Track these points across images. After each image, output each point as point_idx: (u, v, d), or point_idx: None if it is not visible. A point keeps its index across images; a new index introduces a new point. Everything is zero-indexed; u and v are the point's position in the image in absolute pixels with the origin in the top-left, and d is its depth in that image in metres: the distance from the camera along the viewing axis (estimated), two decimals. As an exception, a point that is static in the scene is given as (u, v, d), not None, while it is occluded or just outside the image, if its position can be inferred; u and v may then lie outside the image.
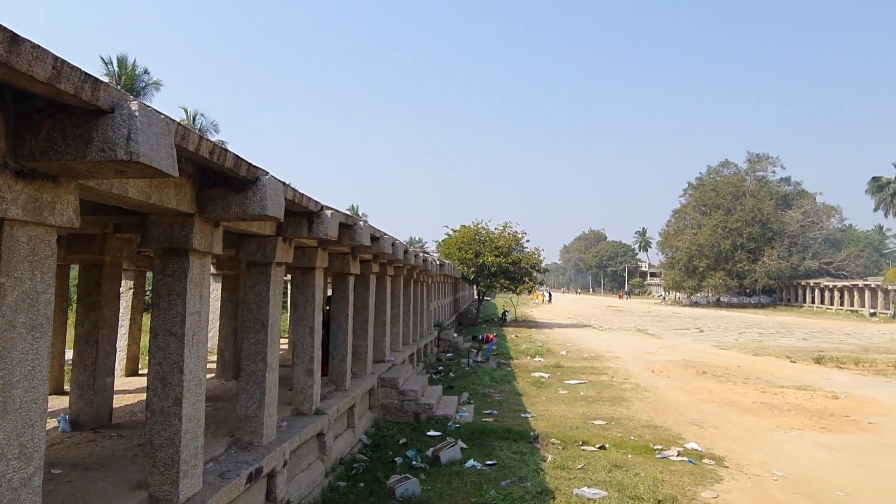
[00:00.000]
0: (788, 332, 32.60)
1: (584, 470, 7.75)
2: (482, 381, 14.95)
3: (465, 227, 35.30)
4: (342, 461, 7.89)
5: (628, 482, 7.17)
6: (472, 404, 12.20)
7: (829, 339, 29.22)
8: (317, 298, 7.32)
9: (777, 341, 27.49)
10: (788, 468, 8.28)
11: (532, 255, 35.48)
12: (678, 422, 11.02)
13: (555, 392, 13.91)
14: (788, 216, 65.45)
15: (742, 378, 16.29)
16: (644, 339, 28.44)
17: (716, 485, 7.44)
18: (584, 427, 10.40)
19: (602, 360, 19.78)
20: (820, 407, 12.56)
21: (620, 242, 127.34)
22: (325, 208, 6.05)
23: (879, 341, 28.21)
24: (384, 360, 11.75)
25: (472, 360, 18.72)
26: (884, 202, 66.91)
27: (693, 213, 71.68)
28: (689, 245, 67.38)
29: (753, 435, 10.17)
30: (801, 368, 18.48)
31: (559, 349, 22.71)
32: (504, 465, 7.87)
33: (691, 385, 15.16)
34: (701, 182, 73.91)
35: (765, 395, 13.75)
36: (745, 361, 19.94)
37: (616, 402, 12.85)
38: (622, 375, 16.59)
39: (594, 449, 8.87)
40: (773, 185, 69.46)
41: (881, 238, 77.73)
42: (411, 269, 14.84)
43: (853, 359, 20.51)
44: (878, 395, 14.04)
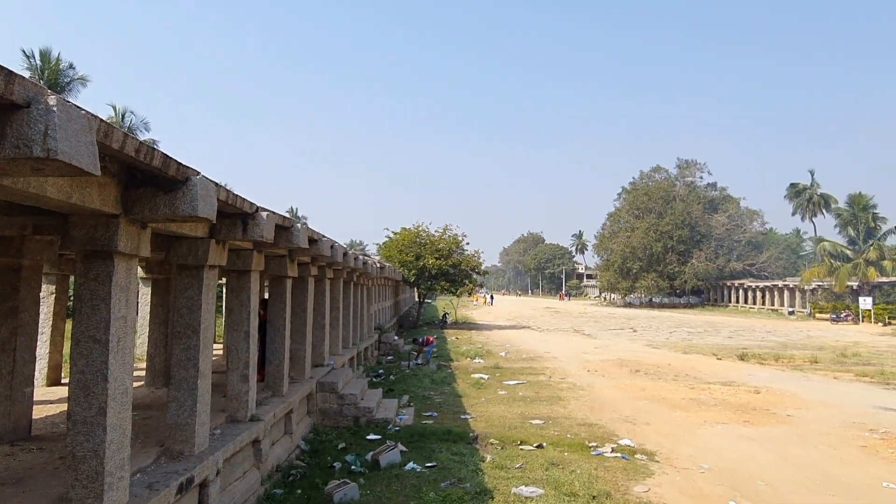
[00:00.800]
0: (715, 331, 34.10)
1: (522, 469, 7.87)
2: (422, 384, 14.95)
3: (406, 229, 35.28)
4: (279, 468, 7.73)
5: (564, 479, 7.33)
6: (412, 407, 12.19)
7: (751, 336, 30.74)
8: (252, 302, 7.15)
9: (705, 340, 28.72)
10: (714, 461, 8.66)
11: (472, 258, 35.78)
12: (612, 419, 11.34)
13: (494, 393, 14.07)
14: (715, 220, 68.54)
15: (672, 375, 16.92)
16: (580, 339, 29.14)
17: (647, 479, 7.70)
18: (522, 426, 10.56)
19: (540, 361, 20.14)
20: (743, 401, 13.20)
21: (558, 245, 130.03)
22: (260, 210, 5.92)
23: (797, 338, 29.90)
24: (323, 364, 11.59)
25: (412, 362, 18.71)
26: (800, 207, 71.08)
27: (627, 217, 74.05)
28: (623, 247, 69.59)
29: (682, 430, 10.58)
30: (727, 365, 19.37)
31: (499, 350, 22.98)
32: (444, 466, 7.90)
33: (625, 383, 15.64)
34: (634, 186, 76.47)
35: (693, 392, 14.33)
36: (675, 359, 20.72)
37: (553, 401, 13.11)
38: (559, 375, 16.94)
39: (532, 448, 9.02)
40: (700, 190, 72.59)
41: (798, 241, 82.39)
42: (351, 272, 14.71)
43: (773, 355, 21.66)
44: (795, 389, 14.86)
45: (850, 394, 14.33)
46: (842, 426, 10.96)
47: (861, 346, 25.89)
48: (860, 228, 46.88)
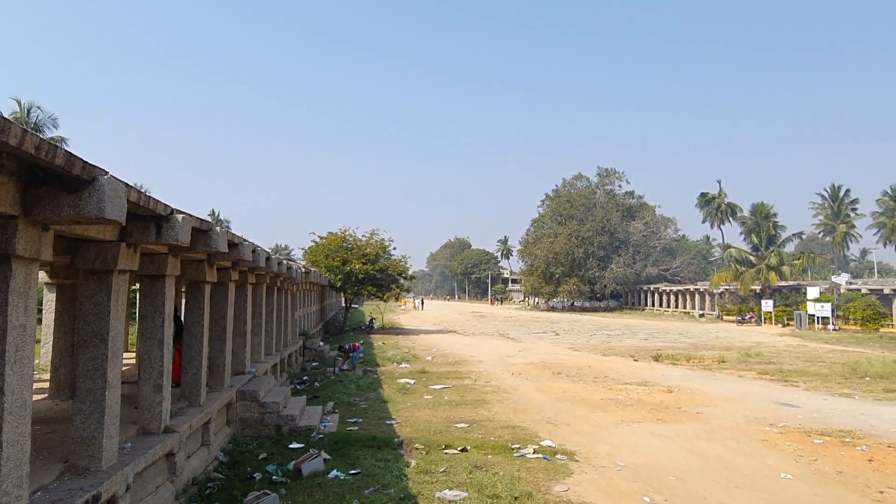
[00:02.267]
0: (632, 334, 35.52)
1: (446, 473, 7.92)
2: (348, 390, 14.79)
3: (332, 234, 34.82)
4: (195, 481, 7.43)
5: (487, 482, 7.43)
6: (336, 413, 12.03)
7: (666, 338, 32.23)
8: (167, 308, 6.86)
9: (623, 342, 29.86)
10: (630, 458, 9.02)
11: (399, 263, 35.74)
12: (535, 421, 11.60)
13: (420, 397, 14.08)
14: (633, 227, 71.51)
15: (592, 377, 17.49)
16: (505, 342, 29.63)
17: (567, 478, 7.92)
18: (447, 430, 10.63)
19: (466, 365, 20.34)
20: (657, 400, 13.81)
21: (484, 250, 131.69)
22: (175, 212, 5.70)
23: (706, 339, 31.59)
24: (244, 371, 11.25)
25: (338, 368, 18.46)
26: (710, 215, 75.36)
27: (550, 223, 76.06)
28: (546, 253, 71.44)
29: (601, 429, 10.95)
30: (643, 366, 20.21)
31: (425, 355, 23.03)
32: (368, 473, 7.84)
33: (547, 385, 16.03)
34: (557, 194, 78.68)
35: (611, 392, 14.87)
36: (595, 361, 21.44)
37: (478, 404, 13.27)
38: (484, 378, 17.16)
39: (456, 451, 9.10)
40: (619, 198, 75.55)
41: (708, 247, 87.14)
42: (274, 277, 14.36)
43: (685, 356, 22.79)
44: (704, 387, 15.70)
45: (752, 391, 15.26)
46: (745, 422, 11.66)
47: (763, 346, 27.66)
48: (762, 236, 50.08)
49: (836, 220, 69.43)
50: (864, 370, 18.51)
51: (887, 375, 17.50)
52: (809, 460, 9.03)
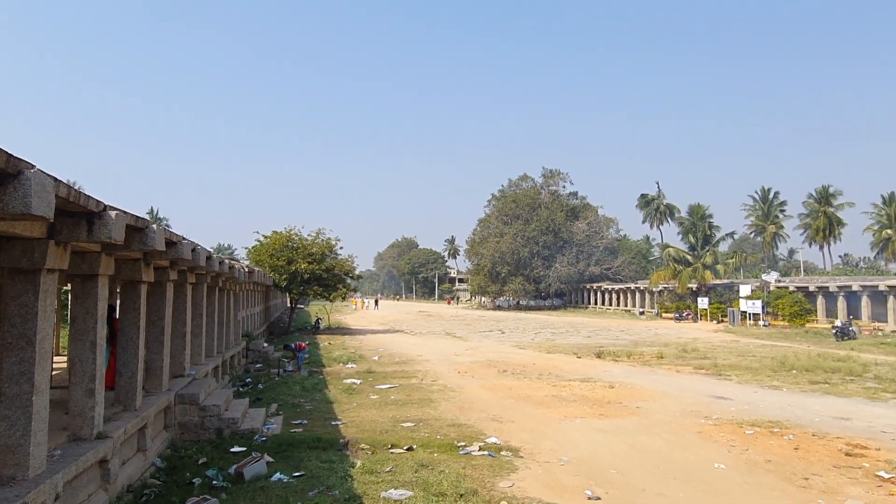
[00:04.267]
0: (576, 331, 36.30)
1: (391, 472, 7.90)
2: (293, 391, 14.56)
3: (277, 233, 34.20)
4: (131, 488, 7.17)
5: (433, 480, 7.46)
6: (280, 415, 11.83)
7: (608, 335, 33.08)
8: (100, 309, 6.59)
9: (567, 339, 30.48)
10: (573, 453, 9.22)
11: (346, 262, 35.44)
12: (480, 418, 11.71)
13: (366, 398, 14.01)
14: (576, 226, 73.06)
15: (537, 374, 17.79)
16: (452, 341, 29.78)
17: (511, 474, 8.04)
18: (393, 430, 10.61)
19: (412, 364, 20.34)
20: (599, 396, 14.16)
21: (431, 250, 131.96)
22: (108, 209, 5.48)
23: (646, 336, 32.61)
24: (183, 374, 10.93)
25: (283, 369, 18.15)
26: (649, 216, 77.98)
27: (496, 223, 76.92)
28: (492, 252, 72.25)
29: (545, 425, 11.15)
30: (586, 363, 20.69)
31: (371, 355, 22.91)
32: (312, 475, 7.74)
33: (493, 383, 16.21)
34: (503, 194, 79.62)
35: (555, 389, 15.15)
36: (539, 359, 21.80)
37: (425, 403, 13.29)
38: (431, 377, 17.20)
39: (402, 451, 9.09)
40: (563, 199, 77.04)
41: (648, 247, 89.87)
42: (216, 277, 14.00)
43: (626, 352, 23.45)
44: (644, 382, 16.19)
45: (689, 386, 15.85)
46: (682, 415, 12.09)
47: (699, 342, 28.75)
48: (699, 236, 52.03)
49: (766, 221, 72.88)
50: (791, 364, 19.47)
51: (812, 368, 18.47)
52: (741, 450, 9.44)
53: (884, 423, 11.25)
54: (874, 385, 15.76)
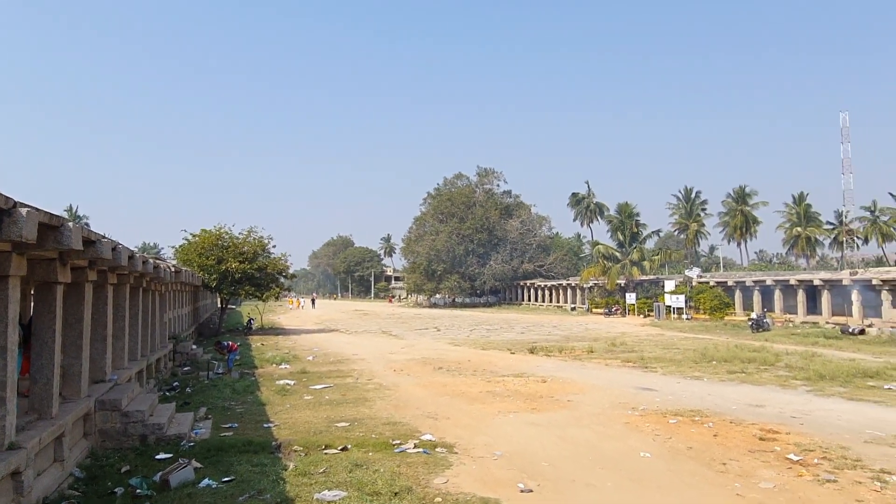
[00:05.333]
0: (510, 328, 36.91)
1: (325, 473, 7.83)
2: (223, 394, 14.17)
3: (206, 231, 33.09)
4: (47, 500, 6.80)
5: (368, 479, 7.44)
6: (210, 419, 11.50)
7: (540, 331, 33.80)
8: (10, 313, 6.22)
9: (501, 336, 30.95)
10: (506, 447, 9.39)
11: (279, 261, 34.72)
12: (416, 416, 11.75)
13: (300, 398, 13.79)
14: (510, 224, 74.23)
15: (472, 371, 17.99)
16: (388, 340, 29.70)
17: (446, 471, 8.12)
18: (327, 431, 10.50)
19: (348, 363, 20.17)
20: (532, 391, 14.48)
21: (367, 248, 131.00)
22: (19, 205, 5.18)
23: (577, 331, 33.53)
24: (105, 379, 10.44)
25: (212, 372, 17.61)
26: (580, 214, 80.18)
27: (432, 221, 77.18)
28: (428, 250, 72.48)
29: (479, 421, 11.31)
30: (519, 359, 21.08)
31: (306, 355, 22.56)
32: (243, 479, 7.57)
33: (428, 380, 16.28)
34: (438, 192, 79.95)
35: (489, 385, 15.37)
36: (474, 356, 22.05)
37: (360, 402, 13.22)
38: (366, 376, 17.11)
39: (337, 451, 9.01)
40: (497, 197, 78.12)
41: (579, 244, 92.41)
42: (140, 277, 13.43)
43: (558, 347, 24.05)
44: (575, 376, 16.66)
45: (617, 378, 16.42)
46: (610, 407, 12.52)
47: (627, 336, 29.82)
48: (627, 233, 53.95)
49: (689, 220, 76.26)
50: (711, 355, 20.48)
51: (730, 359, 19.49)
52: (665, 439, 9.87)
53: (793, 409, 12.02)
54: (785, 373, 16.79)
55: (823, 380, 15.41)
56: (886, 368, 16.94)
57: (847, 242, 73.71)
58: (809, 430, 10.26)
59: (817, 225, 73.50)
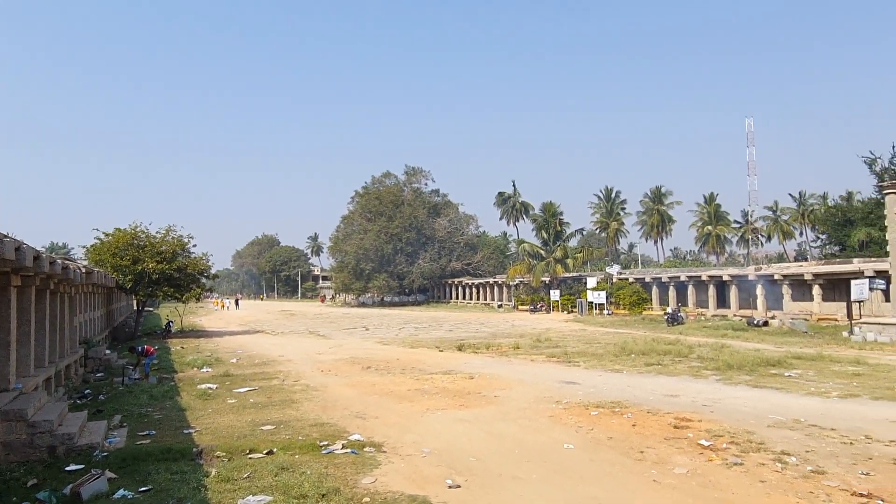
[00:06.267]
0: (438, 325, 37.15)
1: (249, 478, 7.65)
2: (139, 401, 13.56)
3: (121, 230, 31.47)
4: (-59, 521, 6.32)
5: (294, 482, 7.33)
6: (125, 427, 10.98)
7: (468, 329, 34.22)
8: None
9: (429, 334, 31.11)
10: (434, 444, 9.47)
11: (200, 261, 33.52)
12: (344, 416, 11.66)
13: (223, 402, 13.39)
14: (438, 223, 74.70)
15: (400, 369, 18.01)
16: (315, 340, 29.26)
17: (374, 470, 8.11)
18: (252, 434, 10.26)
19: (274, 365, 19.73)
20: (460, 387, 14.65)
21: (294, 247, 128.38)
22: None
23: (504, 328, 34.16)
24: (8, 388, 9.79)
25: (128, 377, 16.81)
26: (506, 213, 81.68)
27: (360, 220, 76.58)
28: (356, 249, 71.89)
29: (408, 419, 11.34)
30: (447, 356, 21.27)
31: (229, 357, 21.91)
32: (161, 488, 7.29)
33: (357, 380, 16.17)
34: (366, 191, 79.41)
35: (418, 383, 15.44)
36: (403, 354, 22.07)
37: (286, 404, 12.98)
38: (293, 378, 16.81)
39: (262, 455, 8.82)
40: (426, 196, 78.40)
41: (505, 242, 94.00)
42: (47, 279, 12.65)
43: (485, 344, 24.43)
44: (502, 372, 16.98)
45: (542, 373, 16.86)
46: (536, 401, 12.85)
47: (551, 331, 30.64)
48: (551, 232, 55.35)
49: (610, 218, 79.21)
50: (630, 348, 21.35)
51: (648, 352, 20.40)
52: (587, 430, 10.23)
53: (705, 398, 12.73)
54: (698, 364, 17.74)
55: (731, 369, 16.39)
56: (787, 357, 18.22)
57: (752, 240, 78.77)
58: (719, 417, 10.90)
59: (726, 224, 78.13)
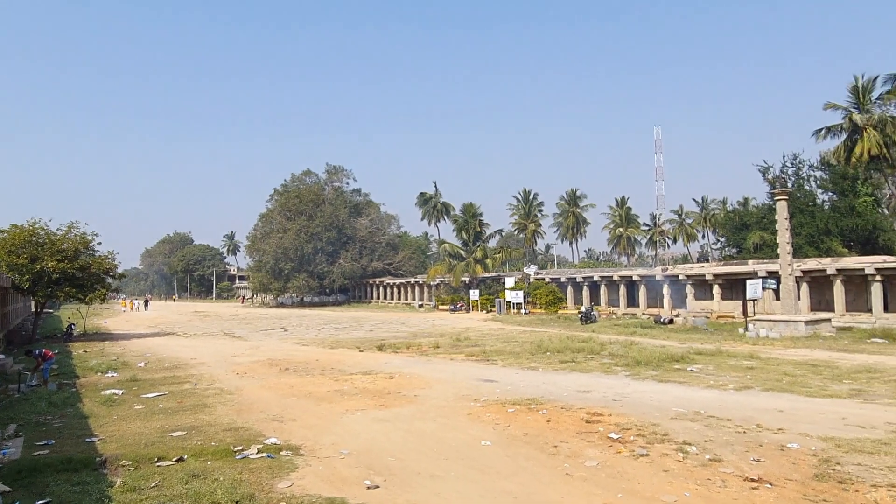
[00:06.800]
0: (359, 325, 36.88)
1: (158, 487, 7.35)
2: (37, 408, 12.71)
3: (18, 227, 29.25)
4: None
5: (206, 489, 7.11)
6: (21, 437, 10.27)
7: (389, 328, 34.18)
8: None
9: (350, 334, 30.84)
10: (353, 445, 9.44)
11: (105, 260, 31.67)
12: (260, 420, 11.39)
13: (129, 409, 12.76)
14: (359, 223, 74.12)
15: (320, 370, 17.77)
16: (231, 342, 28.34)
17: (291, 473, 7.99)
18: (161, 441, 9.84)
19: (185, 368, 18.97)
20: (380, 387, 14.64)
21: (208, 246, 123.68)
22: None
23: (424, 328, 34.35)
24: None
25: (24, 384, 15.70)
26: (428, 213, 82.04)
27: (279, 218, 74.75)
28: (275, 248, 70.16)
29: (326, 421, 11.23)
30: (368, 356, 21.18)
31: (137, 361, 20.86)
32: (61, 500, 6.89)
33: (274, 382, 15.83)
34: (286, 189, 77.63)
35: (338, 384, 15.30)
36: (322, 355, 21.78)
37: (198, 409, 12.52)
38: (206, 381, 16.23)
39: (172, 462, 8.49)
40: (347, 195, 77.63)
41: (427, 243, 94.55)
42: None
43: (406, 344, 24.50)
44: (422, 371, 17.10)
45: (461, 372, 17.11)
46: (454, 399, 13.03)
47: (471, 331, 31.11)
48: (471, 233, 56.15)
49: (528, 220, 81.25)
50: (546, 346, 22.02)
51: (562, 349, 21.10)
52: (504, 427, 10.49)
53: (615, 393, 13.33)
54: (609, 361, 18.54)
55: (639, 365, 17.24)
56: (689, 353, 19.37)
57: (660, 242, 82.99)
58: (627, 411, 11.46)
59: (636, 226, 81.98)
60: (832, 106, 42.98)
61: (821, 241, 40.51)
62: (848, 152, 42.02)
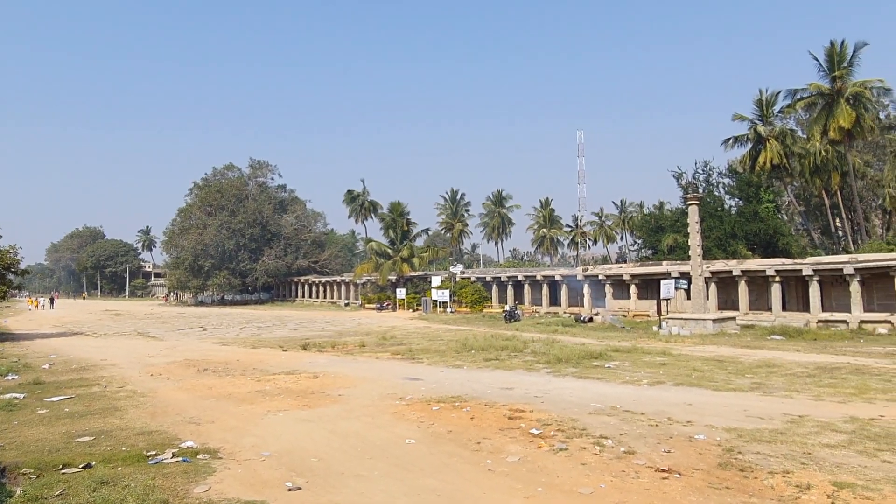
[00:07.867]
0: (283, 324, 36.08)
1: (63, 496, 6.94)
2: (-78, 416, 11.68)
3: None
4: None
5: (115, 497, 6.78)
6: None
7: (314, 327, 33.63)
8: None
9: (273, 333, 30.12)
10: (275, 446, 9.24)
11: (5, 254, 29.62)
12: (175, 422, 10.96)
13: (32, 413, 11.96)
14: (284, 220, 72.44)
15: (241, 370, 17.26)
16: (145, 342, 27.07)
17: (209, 477, 7.73)
18: (66, 448, 9.29)
19: (95, 370, 17.96)
20: (304, 387, 14.39)
21: (121, 241, 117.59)
22: None
23: (350, 326, 34.03)
24: None
25: None
26: (355, 211, 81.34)
27: (199, 213, 71.93)
28: (194, 245, 67.47)
29: (247, 422, 10.94)
30: (291, 356, 20.76)
31: (41, 363, 19.58)
32: (-48, 514, 6.39)
33: (191, 383, 15.25)
34: (207, 183, 74.85)
35: (259, 384, 14.92)
36: (244, 355, 21.17)
37: (108, 413, 11.90)
38: (118, 383, 15.44)
39: (78, 469, 8.03)
40: (272, 191, 75.70)
41: (353, 241, 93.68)
42: None
43: (331, 343, 24.19)
44: (347, 370, 16.94)
45: (387, 370, 17.08)
46: (379, 398, 12.99)
47: (397, 329, 31.09)
48: (398, 231, 56.09)
49: (455, 219, 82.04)
50: (471, 345, 22.31)
51: (487, 347, 21.45)
52: (428, 425, 10.55)
53: (536, 390, 13.68)
54: (531, 358, 19.00)
55: (560, 362, 17.75)
56: (607, 350, 20.13)
57: (581, 243, 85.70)
58: (548, 407, 11.78)
59: (559, 227, 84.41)
60: (739, 117, 45.85)
61: (728, 244, 42.99)
62: (752, 161, 44.96)
